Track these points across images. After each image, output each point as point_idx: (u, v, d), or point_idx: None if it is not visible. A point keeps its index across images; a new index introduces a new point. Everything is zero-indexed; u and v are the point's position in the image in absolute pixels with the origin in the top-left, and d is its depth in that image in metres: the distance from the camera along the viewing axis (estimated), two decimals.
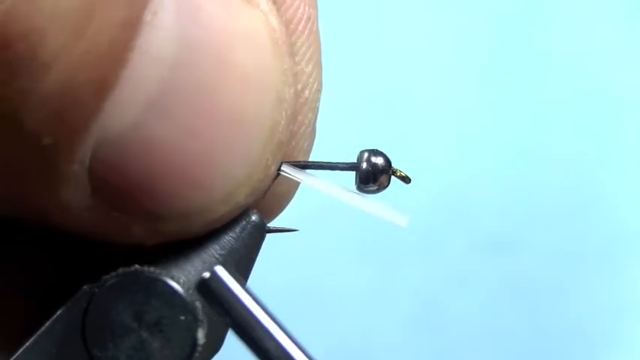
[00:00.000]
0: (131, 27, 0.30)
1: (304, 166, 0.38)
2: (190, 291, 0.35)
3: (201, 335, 0.35)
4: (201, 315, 0.35)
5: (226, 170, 0.33)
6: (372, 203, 0.38)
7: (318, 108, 0.39)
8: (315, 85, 0.39)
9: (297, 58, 0.37)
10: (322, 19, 0.40)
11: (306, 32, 0.38)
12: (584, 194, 1.05)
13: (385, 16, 1.09)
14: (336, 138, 1.00)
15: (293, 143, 0.39)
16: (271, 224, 0.40)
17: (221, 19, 0.33)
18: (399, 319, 1.01)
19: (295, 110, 0.36)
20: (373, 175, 0.38)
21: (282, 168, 0.37)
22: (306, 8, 0.38)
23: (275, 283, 0.96)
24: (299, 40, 0.38)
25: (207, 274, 0.35)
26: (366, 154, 0.38)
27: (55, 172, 0.31)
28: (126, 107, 0.31)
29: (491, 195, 1.05)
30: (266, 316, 0.34)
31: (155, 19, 0.31)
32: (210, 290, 0.35)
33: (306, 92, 0.38)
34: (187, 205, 0.33)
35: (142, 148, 0.32)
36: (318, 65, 0.39)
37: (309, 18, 0.38)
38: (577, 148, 1.07)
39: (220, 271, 0.35)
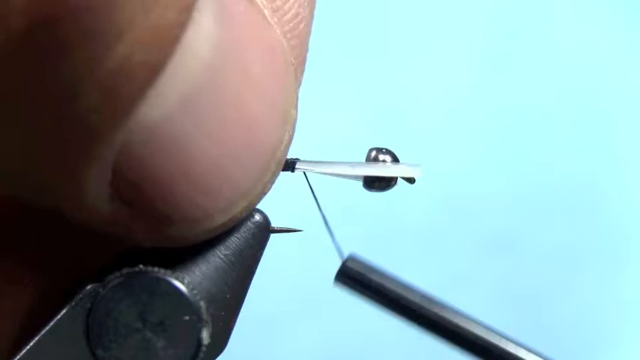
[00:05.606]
0: (186, 14, 0.30)
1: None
2: (195, 291, 0.35)
3: (205, 335, 0.35)
4: (205, 315, 0.35)
5: (234, 181, 0.34)
6: (381, 167, 0.38)
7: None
8: None
9: None
10: (328, 20, 0.40)
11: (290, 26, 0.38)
12: (585, 194, 1.05)
13: (388, 17, 1.10)
14: (340, 137, 1.00)
15: None
16: (275, 224, 0.40)
17: (250, 32, 0.33)
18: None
19: None
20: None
21: (297, 166, 0.37)
22: (295, 5, 0.38)
23: (277, 283, 0.96)
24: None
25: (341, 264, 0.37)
26: (374, 153, 0.38)
27: (86, 152, 0.31)
28: (163, 99, 0.31)
29: (491, 195, 1.05)
30: (413, 290, 0.37)
31: (199, 17, 0.31)
32: (351, 277, 0.37)
33: None
34: (193, 210, 0.33)
35: (167, 143, 0.32)
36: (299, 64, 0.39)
37: (296, 14, 0.38)
38: (578, 148, 1.07)
39: (354, 258, 0.37)
